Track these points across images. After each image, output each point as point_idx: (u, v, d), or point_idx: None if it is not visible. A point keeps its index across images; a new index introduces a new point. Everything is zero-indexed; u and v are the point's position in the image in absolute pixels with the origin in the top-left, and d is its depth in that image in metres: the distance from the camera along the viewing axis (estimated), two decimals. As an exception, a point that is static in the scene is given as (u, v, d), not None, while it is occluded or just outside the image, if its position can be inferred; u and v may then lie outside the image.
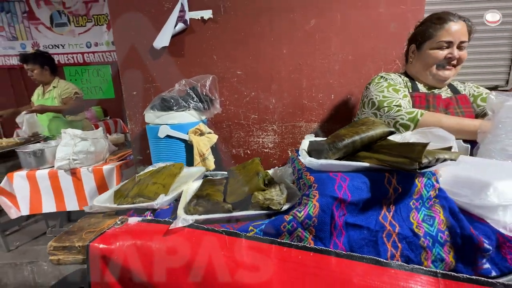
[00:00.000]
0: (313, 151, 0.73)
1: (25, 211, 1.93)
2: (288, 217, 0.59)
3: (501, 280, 0.49)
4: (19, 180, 1.89)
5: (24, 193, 1.90)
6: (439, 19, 1.19)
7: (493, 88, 2.61)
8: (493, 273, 0.55)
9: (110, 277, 0.63)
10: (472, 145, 0.96)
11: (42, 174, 1.87)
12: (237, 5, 1.63)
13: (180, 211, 0.70)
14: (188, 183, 0.84)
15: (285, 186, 0.72)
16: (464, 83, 1.38)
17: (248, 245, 0.58)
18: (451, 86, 1.33)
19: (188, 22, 1.63)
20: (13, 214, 1.95)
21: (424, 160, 0.52)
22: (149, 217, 0.72)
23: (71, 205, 1.91)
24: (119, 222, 0.71)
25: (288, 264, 0.55)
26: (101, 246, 0.64)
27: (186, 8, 1.62)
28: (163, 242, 0.61)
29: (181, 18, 1.62)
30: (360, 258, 0.53)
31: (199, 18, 1.65)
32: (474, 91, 1.32)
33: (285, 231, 0.58)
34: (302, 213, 0.58)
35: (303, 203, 0.60)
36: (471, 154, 0.96)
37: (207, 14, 1.64)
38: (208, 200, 0.68)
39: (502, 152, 0.86)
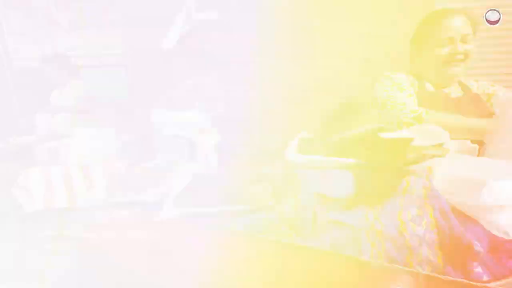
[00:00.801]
0: (302, 148, 0.72)
1: (39, 206, 2.02)
2: (270, 213, 0.59)
3: (489, 284, 0.46)
4: (34, 176, 1.98)
5: (39, 188, 1.99)
6: (435, 16, 1.14)
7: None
8: (485, 278, 0.51)
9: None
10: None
11: (56, 170, 1.95)
12: (242, 6, 1.64)
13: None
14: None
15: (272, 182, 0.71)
16: (478, 81, 1.31)
17: (230, 238, 0.58)
18: (462, 85, 1.27)
19: (194, 24, 1.66)
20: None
21: (408, 156, 0.50)
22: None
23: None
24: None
25: (267, 259, 0.54)
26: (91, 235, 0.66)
27: (193, 9, 1.65)
28: (147, 233, 0.63)
29: (187, 19, 1.65)
30: (340, 256, 0.51)
31: (205, 20, 1.67)
32: (488, 89, 1.26)
33: (267, 226, 0.58)
34: (284, 208, 0.57)
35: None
36: (479, 155, 0.92)
37: (213, 15, 1.66)
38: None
39: (510, 152, 0.82)
